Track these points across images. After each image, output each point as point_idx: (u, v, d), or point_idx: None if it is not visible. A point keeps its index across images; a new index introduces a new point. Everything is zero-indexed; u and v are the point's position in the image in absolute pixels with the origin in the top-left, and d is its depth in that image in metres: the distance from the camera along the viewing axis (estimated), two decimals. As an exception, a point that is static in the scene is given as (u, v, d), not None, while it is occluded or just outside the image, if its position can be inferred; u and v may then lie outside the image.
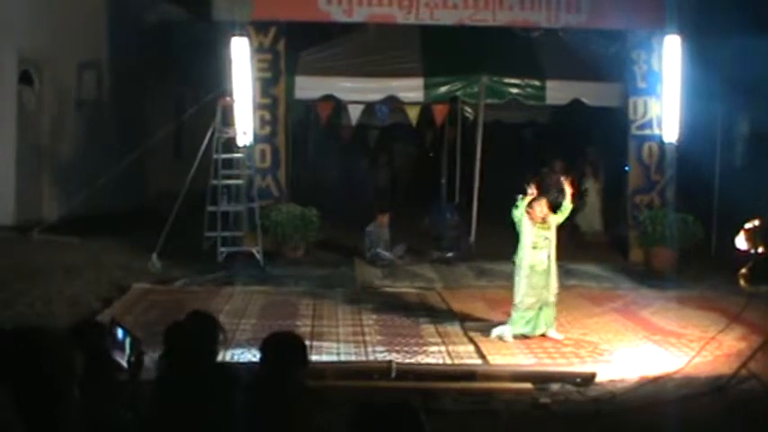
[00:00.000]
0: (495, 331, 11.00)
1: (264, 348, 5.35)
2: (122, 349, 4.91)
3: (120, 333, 4.98)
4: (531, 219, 10.86)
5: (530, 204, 10.90)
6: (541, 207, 10.89)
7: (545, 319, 10.98)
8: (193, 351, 5.38)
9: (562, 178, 11.85)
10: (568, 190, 11.28)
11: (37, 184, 16.98)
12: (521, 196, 10.98)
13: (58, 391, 3.02)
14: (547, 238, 10.93)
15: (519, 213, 10.90)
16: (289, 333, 6.05)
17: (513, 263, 11.13)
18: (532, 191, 11.03)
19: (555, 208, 11.19)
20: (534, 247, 10.90)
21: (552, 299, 10.99)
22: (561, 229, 11.37)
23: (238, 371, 6.19)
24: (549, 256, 10.97)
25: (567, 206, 11.18)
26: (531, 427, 8.32)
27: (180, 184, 15.28)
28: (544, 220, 10.91)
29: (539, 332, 10.96)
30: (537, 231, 10.90)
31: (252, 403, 5.13)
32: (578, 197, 11.80)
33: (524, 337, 10.90)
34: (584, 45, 17.30)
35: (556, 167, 18.56)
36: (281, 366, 5.24)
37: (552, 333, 10.98)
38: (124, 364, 4.91)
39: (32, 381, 2.98)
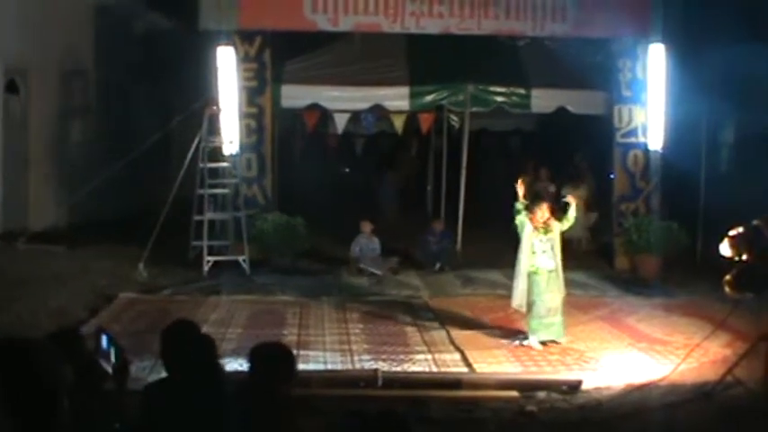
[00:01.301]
0: (518, 341, 11.08)
1: (253, 358, 5.35)
2: (107, 358, 4.90)
3: (104, 342, 4.96)
4: (533, 223, 10.91)
5: (531, 209, 10.95)
6: (542, 212, 10.97)
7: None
8: (182, 361, 5.38)
9: (554, 186, 11.92)
10: (573, 202, 11.42)
11: (23, 192, 16.90)
12: (518, 203, 11.04)
13: (49, 399, 3.03)
14: (549, 241, 10.98)
15: (521, 218, 10.93)
16: (277, 343, 6.05)
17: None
18: (521, 188, 11.08)
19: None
20: (534, 252, 10.95)
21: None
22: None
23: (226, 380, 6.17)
24: (554, 261, 11.02)
25: (572, 214, 11.22)
26: (517, 434, 8.35)
27: (167, 193, 15.28)
28: (546, 224, 10.94)
29: (564, 339, 10.99)
30: (539, 236, 10.95)
31: (240, 412, 5.13)
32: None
33: (554, 342, 10.95)
34: (570, 53, 17.34)
35: (541, 175, 18.62)
36: (270, 376, 5.24)
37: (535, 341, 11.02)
38: (109, 372, 4.90)
39: (24, 388, 2.98)
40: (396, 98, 16.94)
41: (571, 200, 11.51)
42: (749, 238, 9.11)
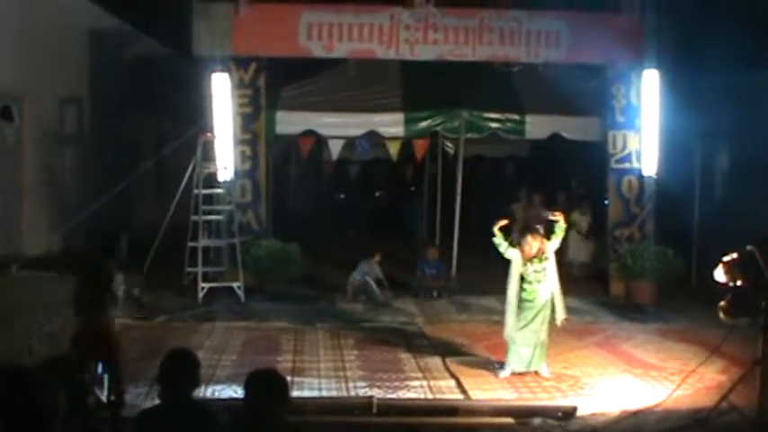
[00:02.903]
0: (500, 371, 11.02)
1: (247, 385, 5.34)
2: (101, 386, 4.89)
3: (99, 369, 4.95)
4: (526, 255, 10.80)
5: (520, 245, 10.82)
6: (530, 245, 10.76)
7: (540, 355, 10.91)
8: (177, 389, 5.36)
9: (548, 212, 11.70)
10: (561, 219, 11.05)
11: (16, 219, 16.88)
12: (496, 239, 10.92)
13: (42, 427, 3.02)
14: (544, 269, 10.78)
15: (507, 253, 10.82)
16: (271, 370, 6.02)
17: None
18: (501, 224, 10.95)
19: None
20: (529, 282, 10.79)
21: (545, 338, 10.90)
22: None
23: (220, 408, 6.14)
24: (550, 289, 10.86)
25: (561, 227, 10.97)
26: (513, 461, 8.31)
27: (161, 219, 15.27)
28: (541, 252, 10.83)
29: (533, 368, 10.89)
30: (533, 265, 10.78)
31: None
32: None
33: (519, 373, 10.84)
34: (564, 79, 17.36)
35: (535, 201, 18.62)
36: (264, 403, 5.22)
37: (543, 370, 10.92)
38: (103, 399, 4.88)
39: (17, 415, 2.97)
40: (390, 124, 16.94)
41: (557, 217, 11.25)
42: (744, 263, 9.11)
